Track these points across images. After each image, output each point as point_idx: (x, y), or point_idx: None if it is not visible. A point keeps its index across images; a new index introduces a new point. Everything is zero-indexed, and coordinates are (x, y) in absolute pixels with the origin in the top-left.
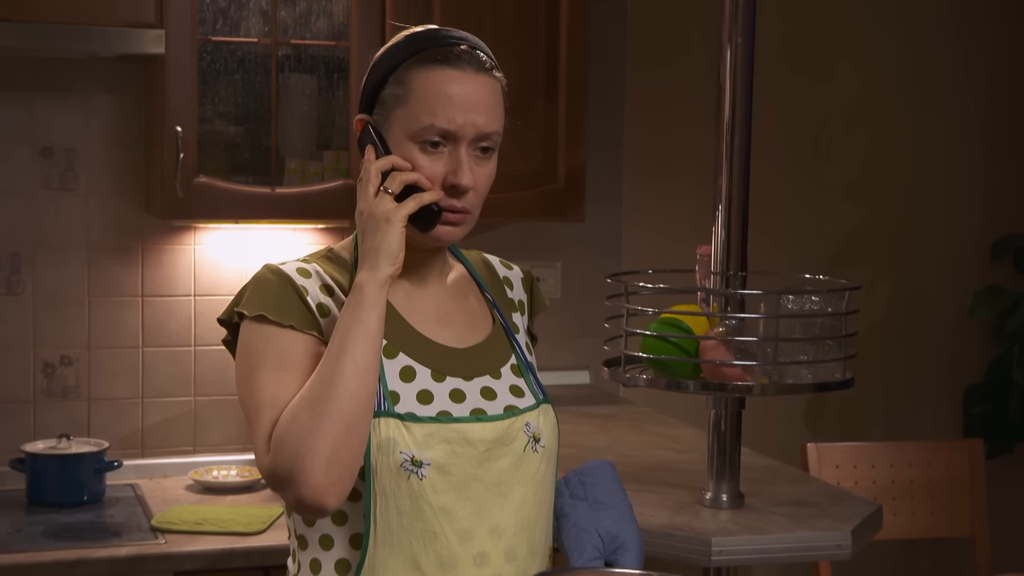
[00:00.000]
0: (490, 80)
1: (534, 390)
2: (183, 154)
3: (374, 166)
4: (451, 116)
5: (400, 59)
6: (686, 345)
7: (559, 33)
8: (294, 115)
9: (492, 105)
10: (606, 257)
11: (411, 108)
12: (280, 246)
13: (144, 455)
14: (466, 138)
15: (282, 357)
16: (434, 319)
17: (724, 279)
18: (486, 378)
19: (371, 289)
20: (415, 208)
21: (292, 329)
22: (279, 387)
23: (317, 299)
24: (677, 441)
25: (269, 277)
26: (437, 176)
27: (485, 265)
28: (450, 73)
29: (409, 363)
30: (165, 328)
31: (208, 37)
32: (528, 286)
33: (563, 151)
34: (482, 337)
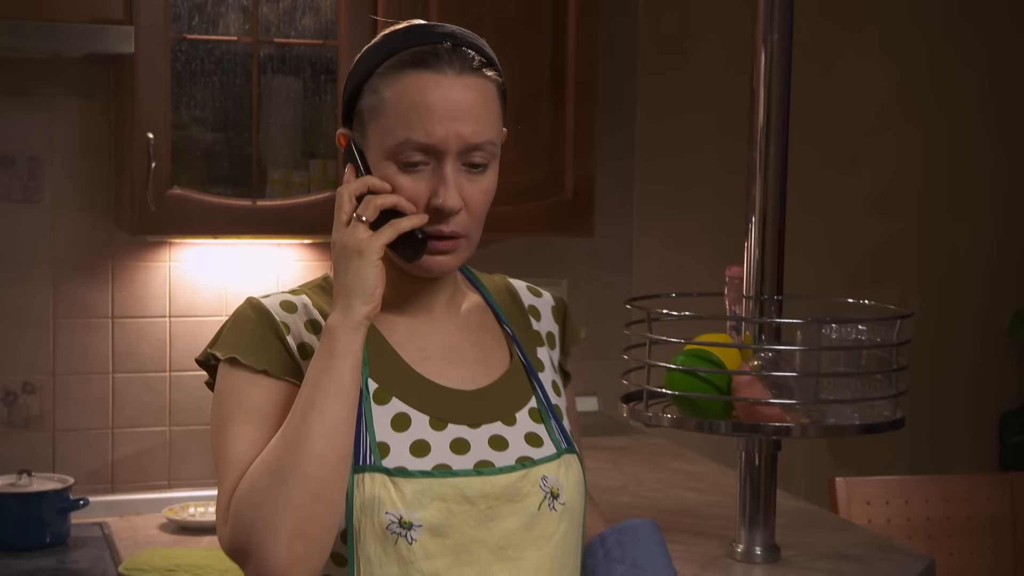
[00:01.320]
0: (478, 81)
1: (555, 438)
2: (155, 163)
3: (346, 190)
4: (429, 128)
5: (374, 64)
6: (717, 381)
7: (567, 32)
8: (277, 121)
9: (481, 110)
10: (615, 274)
11: (386, 121)
12: (263, 263)
13: (114, 491)
14: (450, 152)
15: (251, 408)
16: (439, 357)
17: (758, 305)
18: (497, 425)
19: (343, 334)
20: (392, 237)
21: (264, 375)
22: (245, 445)
23: (299, 338)
24: (698, 479)
25: (247, 313)
26: (420, 197)
27: (508, 292)
28: (427, 77)
29: (403, 409)
30: (137, 352)
31: (183, 35)
32: (560, 316)
33: (571, 160)
34: (495, 376)
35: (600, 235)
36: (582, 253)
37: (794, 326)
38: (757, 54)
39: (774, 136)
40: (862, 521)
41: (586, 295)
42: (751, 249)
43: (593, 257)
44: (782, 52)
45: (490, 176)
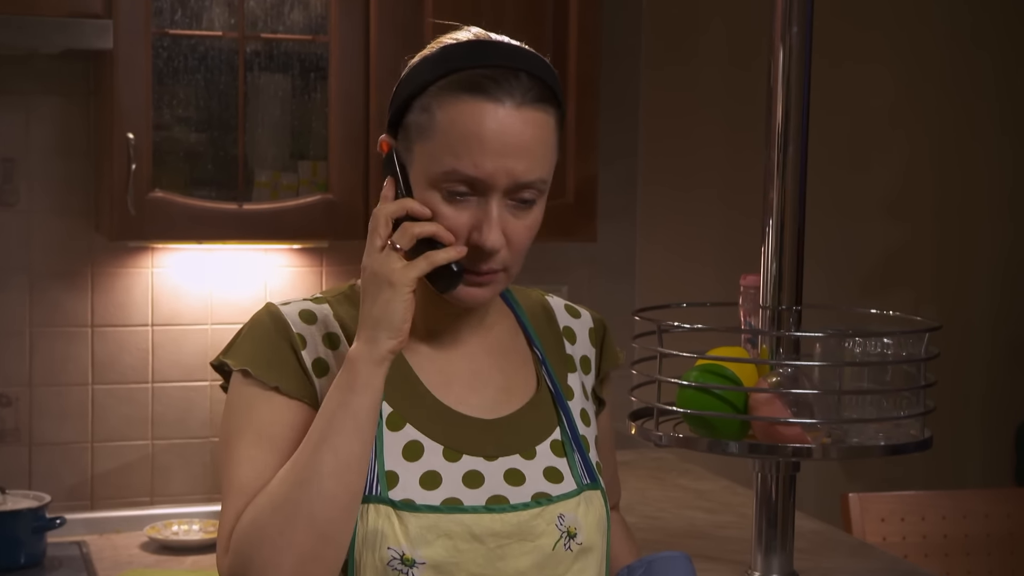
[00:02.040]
0: (536, 115)
1: (577, 473)
2: (136, 165)
3: (383, 212)
4: (479, 161)
5: (428, 80)
6: (733, 398)
7: (568, 26)
8: (265, 120)
9: (537, 147)
10: (618, 280)
11: (434, 146)
12: (249, 269)
13: (94, 508)
14: (498, 188)
15: (260, 428)
16: (461, 383)
17: (775, 316)
18: (515, 458)
19: (364, 368)
20: (426, 271)
21: (276, 392)
22: (252, 469)
23: (315, 353)
24: (707, 498)
25: (264, 321)
26: (461, 229)
27: (543, 311)
28: (483, 106)
29: (417, 437)
30: (118, 363)
31: (164, 30)
32: (598, 338)
33: (573, 161)
34: (519, 404)
35: (601, 239)
36: (583, 258)
37: (814, 340)
38: (775, 49)
39: (793, 136)
40: (876, 539)
41: (587, 302)
42: (767, 256)
43: (594, 263)
44: (801, 46)
45: (537, 211)
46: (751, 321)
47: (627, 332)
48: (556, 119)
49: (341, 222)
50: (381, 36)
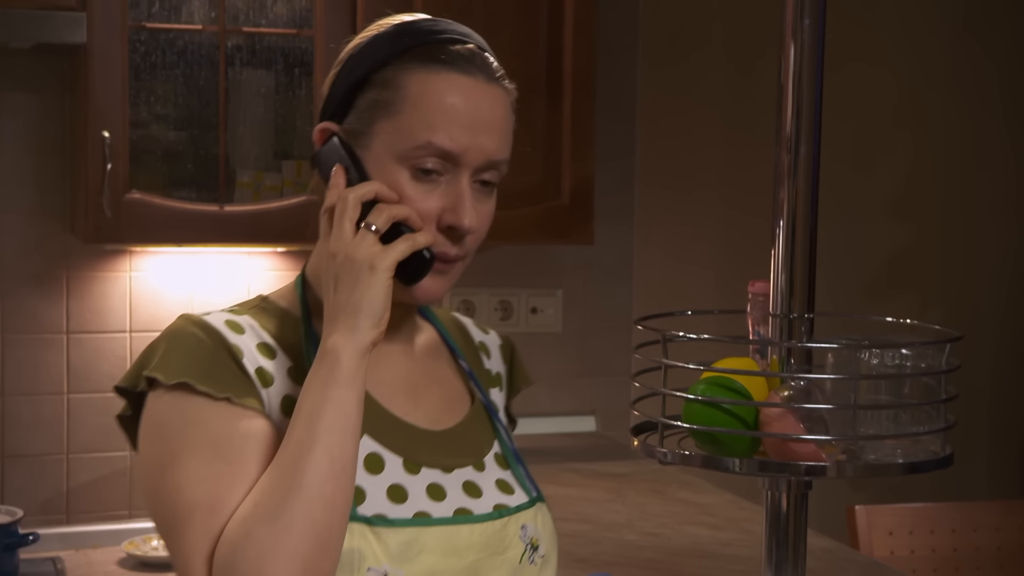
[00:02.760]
0: (502, 92)
1: (526, 486)
2: (111, 165)
3: (353, 194)
4: (455, 134)
5: (389, 55)
6: (743, 413)
7: (563, 22)
8: (247, 118)
9: (504, 125)
10: (614, 284)
11: (403, 120)
12: (231, 273)
13: (69, 522)
14: (470, 165)
15: (216, 442)
16: (403, 393)
17: (786, 325)
18: (468, 470)
19: (349, 359)
20: (406, 253)
21: (228, 402)
22: (218, 484)
23: (255, 362)
24: (711, 512)
25: (192, 331)
26: (431, 213)
27: (458, 327)
28: (458, 79)
29: (376, 449)
30: (95, 371)
31: (141, 23)
32: (507, 356)
33: (568, 161)
34: (459, 417)
35: (597, 242)
36: (578, 262)
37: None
38: (785, 44)
39: (804, 135)
40: (884, 552)
41: (583, 307)
42: (778, 261)
43: (590, 266)
44: (814, 40)
45: (495, 198)
46: (760, 330)
47: (623, 338)
48: (511, 103)
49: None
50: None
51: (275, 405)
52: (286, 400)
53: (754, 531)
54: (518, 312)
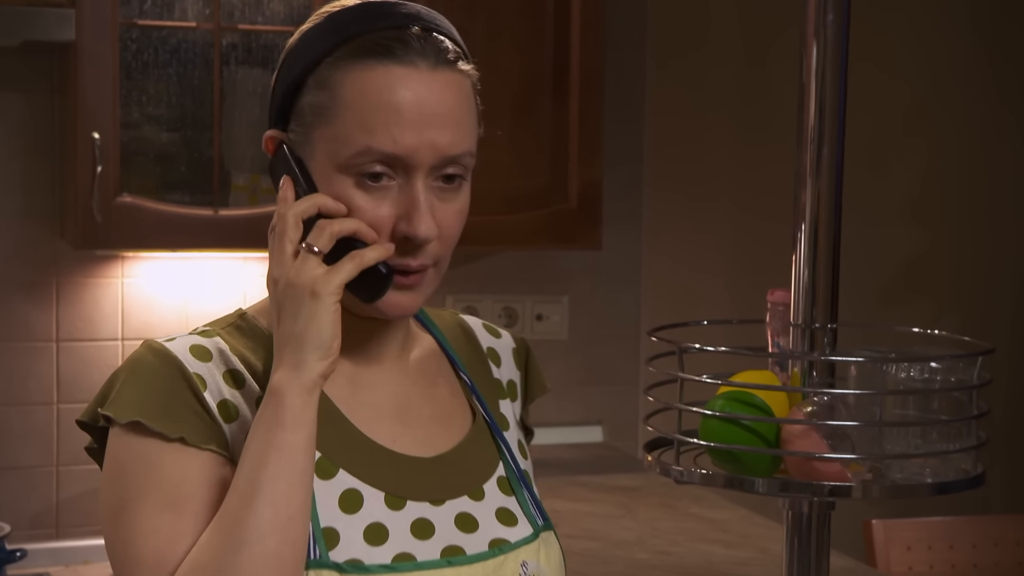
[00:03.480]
0: (455, 76)
1: (530, 513)
2: (101, 167)
3: (291, 212)
4: (397, 135)
5: (321, 51)
6: (763, 430)
7: (570, 18)
8: (242, 119)
9: (459, 114)
10: (621, 290)
11: (340, 126)
12: (226, 279)
13: (59, 537)
14: (422, 166)
15: (167, 489)
16: (390, 416)
17: (808, 335)
18: (463, 500)
19: (295, 398)
20: (354, 273)
21: (182, 443)
22: (164, 539)
23: (219, 395)
24: (724, 529)
25: (148, 361)
26: (383, 222)
27: (463, 333)
28: (394, 71)
29: (354, 484)
30: (86, 380)
31: (133, 20)
32: (522, 360)
33: (575, 164)
34: (457, 439)
35: (605, 248)
36: (585, 268)
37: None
38: (807, 39)
39: (828, 134)
40: (902, 569)
41: (589, 314)
42: (799, 267)
43: (596, 271)
44: (838, 36)
45: (465, 193)
46: (780, 342)
47: (631, 346)
48: (472, 83)
49: None
50: None
51: (238, 441)
52: None
53: (770, 549)
54: (523, 319)
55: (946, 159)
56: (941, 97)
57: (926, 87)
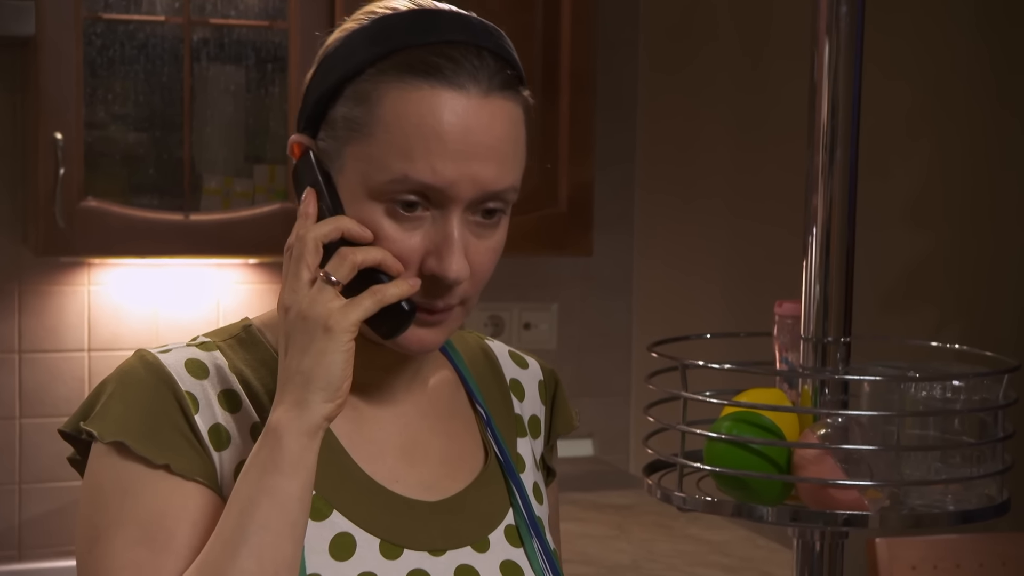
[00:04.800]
0: (506, 105)
1: (538, 567)
2: (64, 169)
3: (312, 235)
4: (438, 166)
5: (364, 61)
6: (774, 455)
7: (560, 13)
8: (214, 118)
9: (508, 147)
10: (612, 298)
11: (376, 146)
12: (199, 287)
13: (22, 558)
14: (461, 200)
15: (145, 522)
16: (395, 455)
17: (820, 350)
18: (466, 551)
19: (293, 440)
20: (374, 310)
21: (166, 471)
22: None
23: (211, 418)
24: (725, 551)
25: (140, 376)
26: (412, 255)
27: (486, 360)
28: (441, 96)
29: (347, 528)
30: (50, 393)
31: (98, 14)
32: (549, 395)
33: (566, 165)
34: (466, 482)
35: (595, 253)
36: (574, 273)
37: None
38: (818, 35)
39: (842, 135)
40: None
41: (580, 322)
42: (811, 276)
43: (587, 277)
44: (852, 31)
45: (502, 229)
46: (788, 357)
47: (622, 356)
48: (525, 110)
49: None
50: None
51: (228, 471)
52: (241, 466)
53: (774, 574)
54: (510, 328)
55: (949, 161)
56: (944, 98)
57: (928, 88)
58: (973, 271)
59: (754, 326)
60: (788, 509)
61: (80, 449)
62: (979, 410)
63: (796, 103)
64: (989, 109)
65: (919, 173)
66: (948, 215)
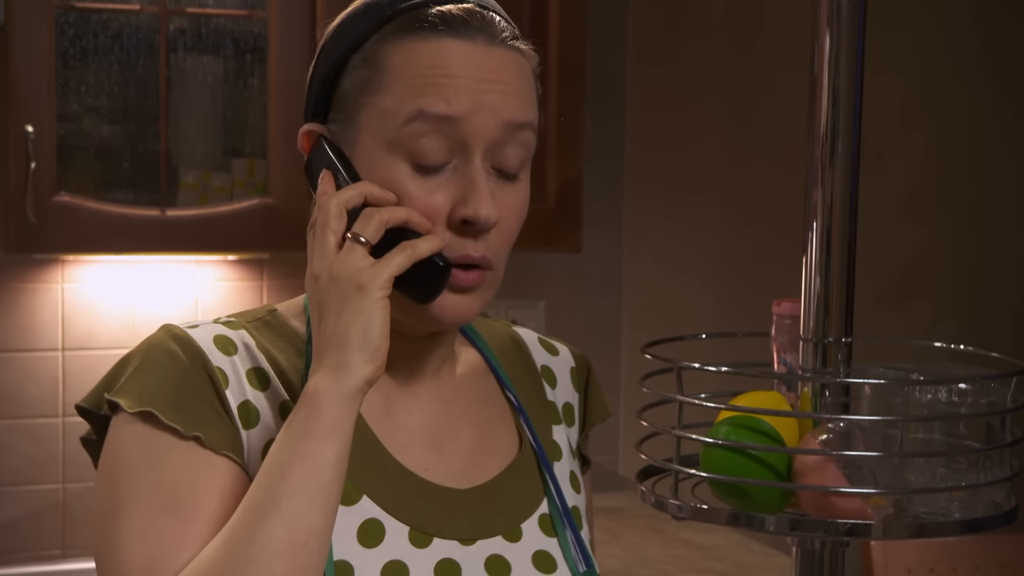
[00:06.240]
0: (515, 55)
1: (571, 558)
2: (35, 163)
3: (334, 201)
4: (451, 96)
5: (367, 30)
6: (774, 461)
7: (548, 2)
8: (191, 111)
9: (521, 84)
10: (601, 295)
11: (389, 96)
12: (176, 284)
13: None
14: (478, 138)
15: (172, 492)
16: (424, 441)
17: (820, 351)
18: (497, 540)
19: (332, 406)
20: (406, 265)
21: (196, 443)
22: (161, 545)
23: (241, 395)
24: (718, 556)
25: (169, 348)
26: (438, 212)
27: (516, 347)
28: (450, 44)
29: (376, 515)
30: (23, 394)
31: (70, 3)
32: (582, 382)
33: (554, 159)
34: (498, 469)
35: (584, 249)
36: (562, 270)
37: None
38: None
39: (843, 128)
40: None
41: (568, 320)
42: (811, 274)
43: (575, 274)
44: (853, 19)
45: (524, 186)
46: (787, 358)
47: (611, 354)
48: (533, 65)
49: (283, 230)
50: (329, 12)
51: (256, 450)
52: (270, 445)
53: None
54: None
55: (944, 155)
56: (937, 93)
57: (922, 82)
58: (968, 267)
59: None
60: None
61: (97, 428)
62: (986, 414)
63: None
64: (985, 102)
65: (913, 167)
66: (942, 210)
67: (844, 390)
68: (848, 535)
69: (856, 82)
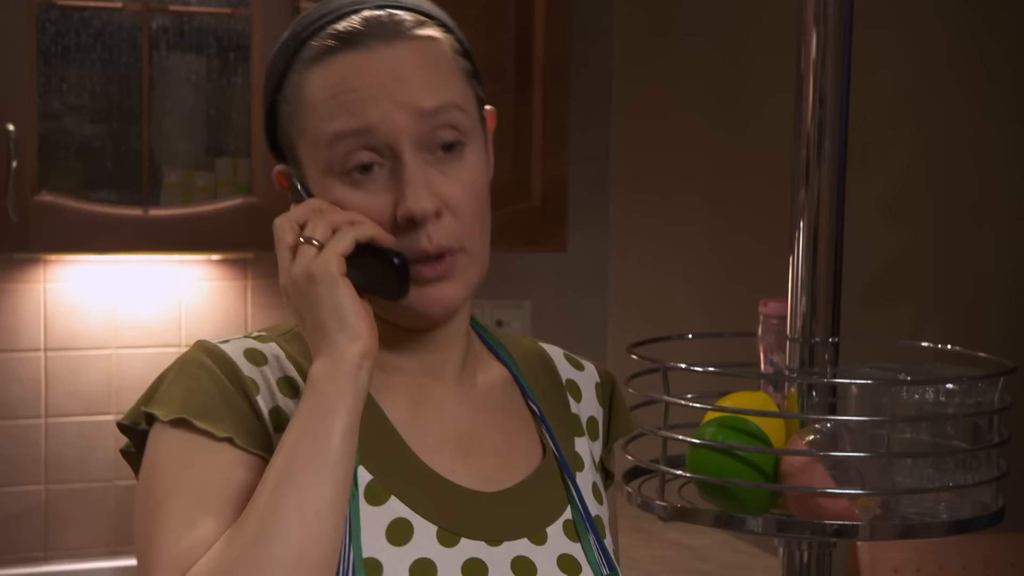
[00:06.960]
0: (416, 44)
1: (594, 561)
2: (16, 162)
3: (283, 220)
4: (358, 110)
5: (282, 70)
6: (761, 462)
7: (534, 1)
8: (174, 109)
9: (427, 71)
10: (587, 295)
11: (309, 128)
12: (160, 284)
13: None
14: (401, 136)
15: (203, 488)
16: (451, 445)
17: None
18: (523, 543)
19: (329, 383)
20: (349, 243)
21: (229, 444)
22: (190, 536)
23: (271, 401)
24: (704, 557)
25: (200, 360)
26: (382, 214)
27: (541, 362)
28: (348, 59)
29: (404, 514)
30: (4, 394)
31: (52, 0)
32: (606, 396)
33: (539, 160)
34: (523, 475)
35: (569, 249)
36: (547, 270)
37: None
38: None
39: (830, 128)
40: None
41: (553, 320)
42: (797, 273)
43: (560, 274)
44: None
45: (471, 160)
46: (774, 358)
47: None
48: (450, 44)
49: (267, 230)
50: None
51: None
52: None
53: None
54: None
55: (931, 154)
56: (923, 92)
57: (910, 75)
58: (954, 266)
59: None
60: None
61: (137, 443)
62: (973, 414)
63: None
64: (974, 96)
65: (901, 164)
66: (929, 210)
67: (831, 390)
68: (835, 536)
69: (843, 81)
